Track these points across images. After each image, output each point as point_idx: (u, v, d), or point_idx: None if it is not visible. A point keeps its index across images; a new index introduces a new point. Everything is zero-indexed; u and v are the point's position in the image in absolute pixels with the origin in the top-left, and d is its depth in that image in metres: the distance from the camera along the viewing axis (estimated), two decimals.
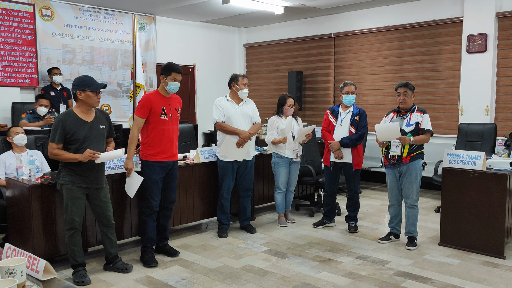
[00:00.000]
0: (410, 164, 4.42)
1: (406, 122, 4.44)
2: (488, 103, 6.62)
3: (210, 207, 5.14)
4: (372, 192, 7.26)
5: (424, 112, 4.45)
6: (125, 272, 3.87)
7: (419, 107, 4.53)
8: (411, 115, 4.45)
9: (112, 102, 7.96)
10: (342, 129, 4.97)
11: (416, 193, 4.48)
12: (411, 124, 4.41)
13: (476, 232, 4.30)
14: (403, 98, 4.44)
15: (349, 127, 4.94)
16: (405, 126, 4.43)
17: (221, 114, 4.82)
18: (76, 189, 3.56)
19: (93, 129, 3.62)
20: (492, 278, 3.74)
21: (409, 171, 4.44)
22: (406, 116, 4.47)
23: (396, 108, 4.60)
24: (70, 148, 3.53)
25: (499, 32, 6.55)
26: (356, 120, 4.95)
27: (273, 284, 3.67)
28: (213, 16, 8.70)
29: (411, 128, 4.41)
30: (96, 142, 3.63)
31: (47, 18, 7.14)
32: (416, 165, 4.44)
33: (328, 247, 4.58)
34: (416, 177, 4.44)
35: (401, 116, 4.50)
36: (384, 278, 3.77)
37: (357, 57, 8.20)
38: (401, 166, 4.47)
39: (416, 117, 4.42)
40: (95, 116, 3.67)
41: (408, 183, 4.46)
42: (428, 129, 4.40)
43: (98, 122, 3.67)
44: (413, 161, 4.41)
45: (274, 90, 9.42)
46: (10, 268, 1.60)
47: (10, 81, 6.76)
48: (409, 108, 4.49)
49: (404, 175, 4.48)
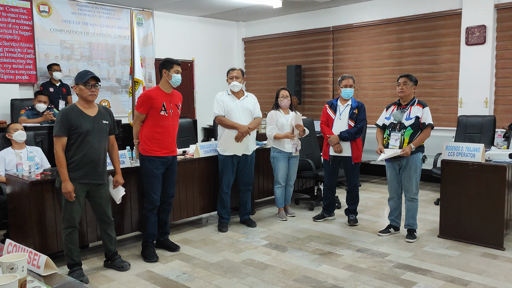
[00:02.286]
0: (410, 157, 4.42)
1: (406, 115, 4.43)
2: (487, 95, 6.61)
3: (210, 201, 5.16)
4: (371, 185, 7.27)
5: (424, 105, 4.44)
6: (122, 270, 3.86)
7: (419, 100, 4.52)
8: (411, 108, 4.44)
9: (111, 98, 7.95)
10: (341, 123, 4.97)
11: (416, 186, 4.49)
12: (411, 117, 4.41)
13: (475, 224, 4.32)
14: (402, 88, 4.44)
15: (348, 121, 4.93)
16: (405, 120, 4.42)
17: (221, 108, 4.82)
18: (76, 185, 3.55)
19: (96, 124, 3.61)
20: (491, 269, 3.76)
21: (409, 164, 4.44)
22: (406, 109, 4.46)
23: (397, 101, 4.60)
24: (73, 142, 3.52)
25: (498, 24, 6.53)
26: (354, 113, 4.94)
27: (274, 277, 3.69)
28: (211, 11, 8.67)
29: (411, 122, 4.40)
30: (99, 137, 3.62)
31: (44, 14, 7.12)
32: (416, 158, 4.44)
33: (328, 240, 4.60)
34: (415, 170, 4.45)
35: (401, 109, 4.50)
36: (384, 270, 3.78)
37: (356, 50, 8.19)
38: (401, 159, 4.47)
39: (416, 111, 4.42)
40: (98, 112, 3.67)
41: (407, 176, 4.47)
42: (428, 123, 4.39)
43: (101, 118, 3.66)
44: (413, 154, 4.41)
45: (273, 84, 9.40)
46: (11, 264, 1.60)
47: (8, 77, 6.75)
48: (410, 101, 4.48)
49: (404, 169, 4.48)
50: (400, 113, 4.47)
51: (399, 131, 4.44)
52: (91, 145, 3.55)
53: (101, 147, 3.63)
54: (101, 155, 3.64)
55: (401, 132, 4.42)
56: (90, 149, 3.54)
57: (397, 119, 4.45)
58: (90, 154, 3.54)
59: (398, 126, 4.46)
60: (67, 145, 3.52)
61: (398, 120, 4.45)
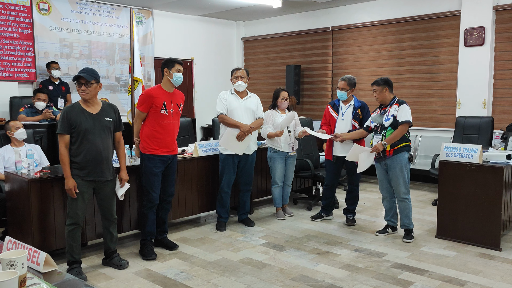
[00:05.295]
0: (394, 157, 4.44)
1: (385, 116, 4.48)
2: (485, 96, 6.64)
3: (209, 200, 5.17)
4: (369, 186, 7.29)
5: (400, 103, 4.44)
6: (120, 268, 3.86)
7: (399, 99, 4.52)
8: (390, 109, 4.48)
9: (110, 96, 7.95)
10: (343, 123, 4.95)
11: (405, 186, 4.48)
12: (388, 118, 4.45)
13: (472, 224, 4.34)
14: (375, 95, 4.55)
15: (351, 121, 4.93)
16: (384, 121, 4.47)
17: (224, 107, 4.83)
18: (81, 182, 3.56)
19: (97, 122, 3.60)
20: (488, 269, 3.78)
21: (394, 164, 4.45)
22: (385, 111, 4.52)
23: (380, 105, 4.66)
24: (74, 140, 3.53)
25: (497, 25, 6.55)
26: (358, 113, 4.94)
27: (271, 276, 3.70)
28: (211, 10, 8.68)
29: (389, 122, 4.44)
30: (101, 134, 3.62)
31: (44, 12, 7.12)
32: (401, 158, 4.44)
33: (326, 240, 4.61)
34: (401, 170, 4.45)
35: (380, 112, 4.56)
36: (381, 270, 3.80)
37: (355, 50, 8.20)
38: (385, 159, 4.49)
39: (392, 110, 4.45)
40: (101, 109, 3.67)
41: (394, 176, 4.49)
42: (403, 121, 4.36)
43: (104, 115, 3.66)
44: (397, 154, 4.42)
45: (272, 84, 9.40)
46: (11, 260, 1.62)
47: (7, 75, 6.75)
48: (389, 102, 4.52)
49: (390, 169, 4.50)
50: (379, 116, 4.54)
51: (380, 133, 4.49)
52: (93, 142, 3.56)
53: (103, 145, 3.62)
54: (103, 153, 3.63)
55: (382, 133, 4.47)
56: (92, 147, 3.55)
57: (377, 122, 4.54)
58: (92, 152, 3.55)
59: (379, 129, 4.51)
60: (70, 143, 3.54)
61: (378, 123, 4.52)
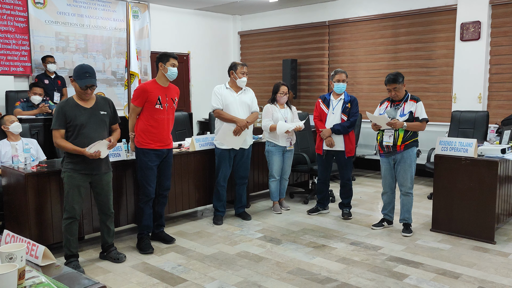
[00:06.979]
0: (405, 152, 4.46)
1: (400, 112, 4.46)
2: (481, 90, 6.66)
3: (206, 194, 5.18)
4: (366, 179, 7.32)
5: (417, 100, 4.46)
6: (117, 262, 3.88)
7: (412, 95, 4.54)
8: (405, 105, 4.46)
9: (106, 91, 7.92)
10: (334, 117, 4.99)
11: (411, 180, 4.53)
12: (404, 114, 4.43)
13: (467, 217, 4.37)
14: (395, 94, 4.45)
15: (340, 115, 4.97)
16: (399, 116, 4.44)
17: (219, 101, 4.83)
18: (77, 176, 3.57)
19: (93, 115, 3.61)
20: (482, 262, 3.82)
21: (404, 159, 4.48)
22: (399, 105, 4.49)
23: (390, 97, 4.61)
24: (70, 134, 3.54)
25: (493, 20, 6.56)
26: (347, 107, 4.97)
27: (268, 269, 3.73)
28: (207, 4, 8.65)
29: (405, 118, 4.42)
30: (96, 129, 3.62)
31: (39, 5, 7.07)
32: (411, 153, 4.48)
33: (322, 233, 4.64)
34: (410, 165, 4.49)
35: (394, 106, 4.52)
36: (376, 263, 3.84)
37: (351, 45, 8.20)
38: (395, 154, 4.51)
39: (409, 106, 4.44)
40: (96, 103, 3.67)
41: (402, 171, 4.51)
42: (423, 118, 4.42)
43: (98, 109, 3.66)
44: (408, 149, 4.45)
45: (269, 78, 9.41)
46: (10, 254, 1.63)
47: (3, 69, 6.71)
48: (403, 97, 4.51)
49: (399, 163, 4.52)
50: (394, 110, 4.48)
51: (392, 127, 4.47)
52: (88, 136, 3.56)
53: (99, 138, 3.61)
54: None
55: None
56: (87, 141, 3.54)
57: (391, 116, 4.46)
58: (87, 146, 3.55)
59: None
60: (66, 137, 3.55)
61: (392, 117, 4.46)
